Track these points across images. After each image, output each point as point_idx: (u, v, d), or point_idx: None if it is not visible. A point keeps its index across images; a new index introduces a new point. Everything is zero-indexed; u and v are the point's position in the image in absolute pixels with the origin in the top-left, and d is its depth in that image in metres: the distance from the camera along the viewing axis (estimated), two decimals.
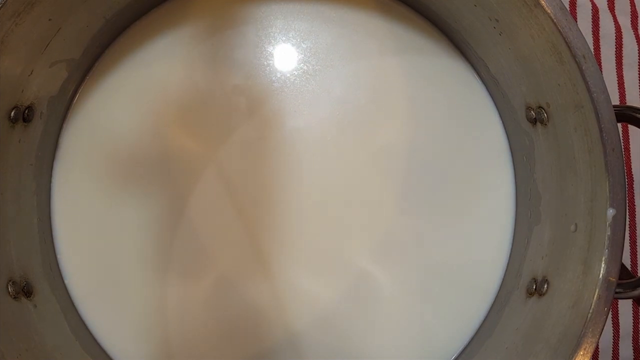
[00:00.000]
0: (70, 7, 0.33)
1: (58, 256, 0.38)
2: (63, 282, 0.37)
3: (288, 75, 0.39)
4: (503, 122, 0.40)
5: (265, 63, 0.39)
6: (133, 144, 0.38)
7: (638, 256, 0.46)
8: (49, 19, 0.32)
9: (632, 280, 0.30)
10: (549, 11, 0.29)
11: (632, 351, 0.45)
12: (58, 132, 0.38)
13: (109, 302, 0.37)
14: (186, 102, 0.39)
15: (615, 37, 0.47)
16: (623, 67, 0.47)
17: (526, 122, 0.36)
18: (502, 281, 0.39)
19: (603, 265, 0.28)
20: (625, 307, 0.46)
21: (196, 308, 0.37)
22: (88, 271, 0.38)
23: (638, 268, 0.46)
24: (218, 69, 0.39)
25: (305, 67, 0.39)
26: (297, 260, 0.38)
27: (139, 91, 0.39)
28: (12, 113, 0.32)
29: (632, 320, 0.45)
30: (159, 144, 0.38)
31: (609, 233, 0.28)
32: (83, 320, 0.37)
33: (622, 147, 0.41)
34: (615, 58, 0.47)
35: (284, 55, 0.39)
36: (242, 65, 0.39)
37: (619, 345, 0.45)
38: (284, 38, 0.39)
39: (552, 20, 0.29)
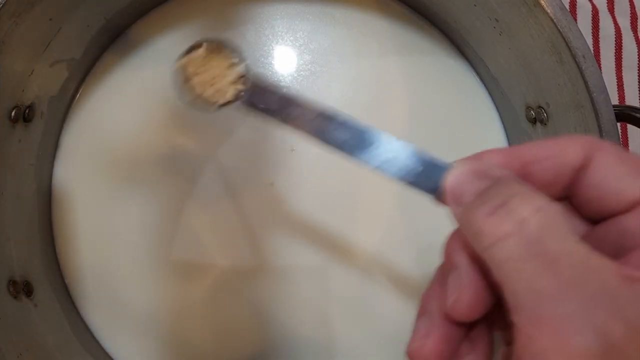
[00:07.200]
0: (70, 7, 0.33)
1: (58, 256, 0.37)
2: (63, 281, 0.37)
3: (288, 75, 0.39)
4: (503, 121, 0.40)
5: (265, 63, 0.39)
6: (133, 144, 0.38)
7: None
8: (50, 19, 0.32)
9: None
10: (548, 11, 0.29)
11: None
12: (58, 132, 0.38)
13: (109, 301, 0.37)
14: None
15: (615, 39, 0.47)
16: (622, 69, 0.47)
17: (526, 121, 0.36)
18: None
19: None
20: None
21: (196, 308, 0.37)
22: (88, 270, 0.37)
23: None
24: None
25: (306, 68, 0.39)
26: (297, 260, 0.38)
27: (139, 91, 0.39)
28: (13, 113, 0.32)
29: None
30: (159, 144, 0.38)
31: None
32: (83, 320, 0.37)
33: (622, 146, 0.41)
34: (614, 59, 0.47)
35: (285, 56, 0.39)
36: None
37: None
38: (284, 38, 0.39)
39: (552, 20, 0.29)
